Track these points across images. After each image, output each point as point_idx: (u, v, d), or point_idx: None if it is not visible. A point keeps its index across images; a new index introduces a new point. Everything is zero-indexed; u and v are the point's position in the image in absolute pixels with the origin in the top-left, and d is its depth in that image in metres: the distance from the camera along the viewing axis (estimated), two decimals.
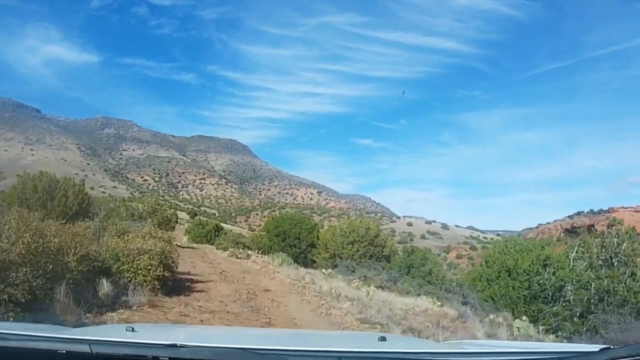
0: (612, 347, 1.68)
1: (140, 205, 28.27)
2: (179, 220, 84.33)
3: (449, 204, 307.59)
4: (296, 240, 30.66)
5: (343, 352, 1.69)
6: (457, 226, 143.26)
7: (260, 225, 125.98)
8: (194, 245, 40.24)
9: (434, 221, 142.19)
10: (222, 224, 53.22)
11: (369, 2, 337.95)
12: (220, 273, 13.93)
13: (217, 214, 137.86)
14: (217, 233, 43.89)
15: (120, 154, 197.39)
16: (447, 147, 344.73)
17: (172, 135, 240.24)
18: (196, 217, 66.79)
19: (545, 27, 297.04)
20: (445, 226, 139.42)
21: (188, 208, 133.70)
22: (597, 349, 1.68)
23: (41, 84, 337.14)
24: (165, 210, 29.40)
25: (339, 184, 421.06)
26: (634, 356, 1.50)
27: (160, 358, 1.53)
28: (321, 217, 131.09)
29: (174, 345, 1.58)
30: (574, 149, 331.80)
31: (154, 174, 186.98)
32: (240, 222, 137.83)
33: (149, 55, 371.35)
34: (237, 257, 21.09)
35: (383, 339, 2.05)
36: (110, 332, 2.39)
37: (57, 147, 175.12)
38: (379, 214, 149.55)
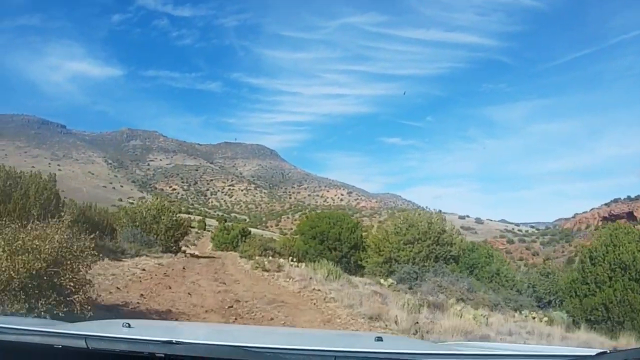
0: (608, 350, 1.64)
1: (143, 209, 22.62)
2: (206, 227, 79.82)
3: (477, 198, 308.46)
4: (336, 242, 24.45)
5: (339, 351, 1.65)
6: (490, 220, 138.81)
7: (291, 228, 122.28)
8: (217, 253, 34.44)
9: (468, 216, 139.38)
10: (250, 228, 47.56)
11: (389, 0, 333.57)
12: (229, 307, 7.77)
13: (247, 220, 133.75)
14: (243, 238, 38.21)
15: (148, 165, 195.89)
16: (473, 141, 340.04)
17: (199, 144, 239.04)
18: (222, 223, 61.58)
19: (566, 16, 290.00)
20: (479, 220, 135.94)
21: (218, 215, 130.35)
22: (594, 353, 1.63)
23: (66, 100, 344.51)
24: (174, 212, 23.63)
25: (368, 184, 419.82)
26: None
27: (156, 354, 1.52)
28: (353, 217, 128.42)
29: (170, 342, 1.56)
30: (599, 137, 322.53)
31: (182, 182, 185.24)
32: (272, 226, 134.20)
33: (172, 67, 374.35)
34: (265, 270, 14.98)
35: (379, 339, 2.02)
36: (106, 327, 2.30)
37: (83, 161, 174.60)
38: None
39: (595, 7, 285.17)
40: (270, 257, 18.07)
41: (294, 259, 20.16)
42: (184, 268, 14.82)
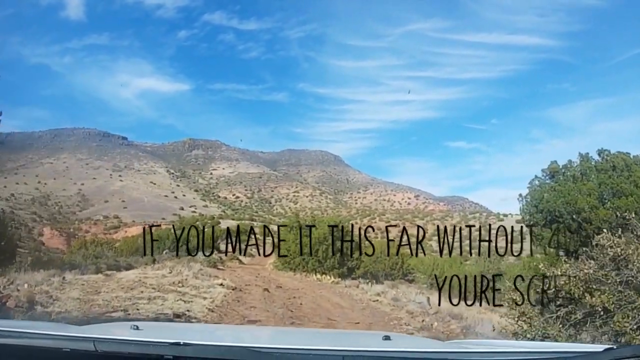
0: (615, 347, 1.62)
1: None
2: (270, 232, 68.85)
3: None
4: None
5: (347, 350, 1.67)
6: None
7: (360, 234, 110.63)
8: (283, 279, 21.17)
9: None
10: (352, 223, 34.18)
11: (451, 6, 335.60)
12: None
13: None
14: (333, 246, 23.82)
15: (210, 174, 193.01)
16: (538, 143, 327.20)
17: (262, 152, 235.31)
18: (289, 216, 49.68)
19: (626, 12, 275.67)
20: None
21: (283, 222, 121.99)
22: (601, 349, 1.62)
23: (136, 115, 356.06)
24: None
25: (435, 188, 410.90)
26: (639, 356, 1.44)
27: (165, 356, 1.53)
28: (423, 220, 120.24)
29: (178, 344, 1.56)
30: None
31: (246, 190, 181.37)
32: None
33: (239, 79, 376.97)
34: None
35: (387, 338, 2.01)
36: (114, 330, 2.35)
37: (145, 171, 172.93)
38: (484, 214, 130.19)
39: None
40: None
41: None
42: None
